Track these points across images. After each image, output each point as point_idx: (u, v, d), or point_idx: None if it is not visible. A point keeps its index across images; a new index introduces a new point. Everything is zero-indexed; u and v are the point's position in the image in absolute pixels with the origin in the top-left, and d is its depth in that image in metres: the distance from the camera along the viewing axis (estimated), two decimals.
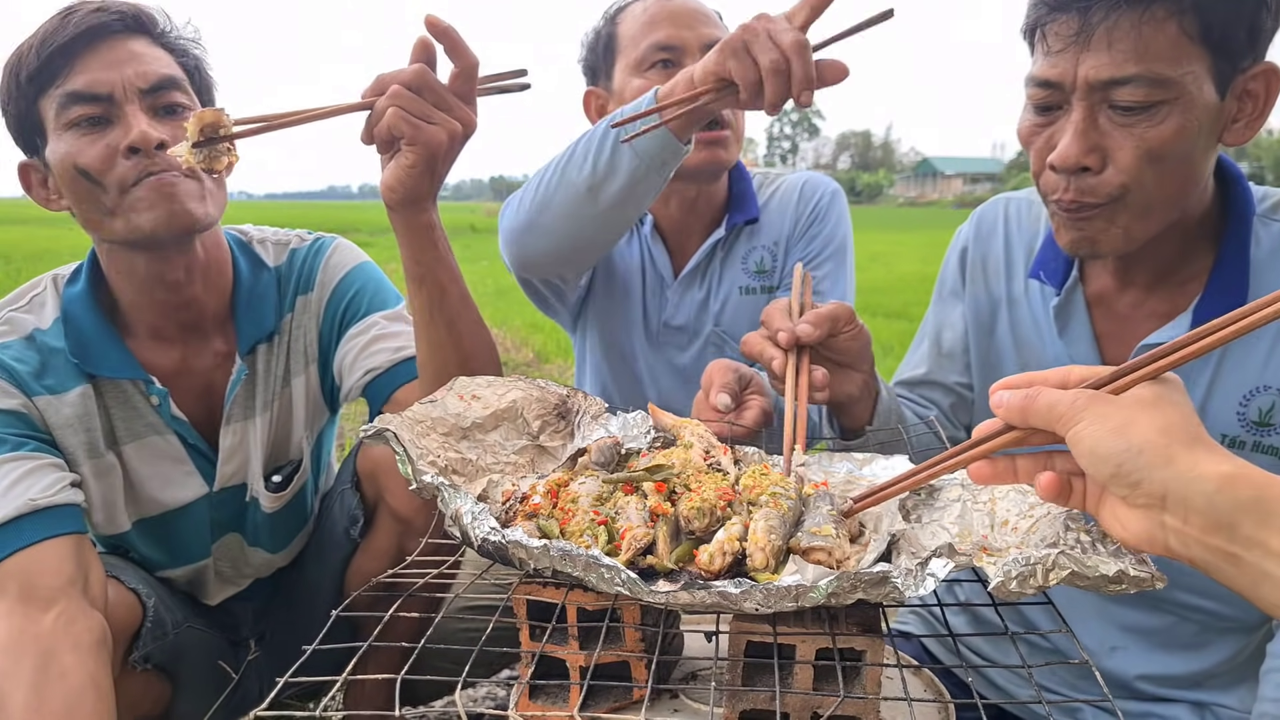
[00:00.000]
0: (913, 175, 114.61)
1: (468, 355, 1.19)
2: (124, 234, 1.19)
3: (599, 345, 1.76)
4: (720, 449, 1.00)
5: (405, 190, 1.10)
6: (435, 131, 1.06)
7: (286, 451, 1.43)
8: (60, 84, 1.16)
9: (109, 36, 1.18)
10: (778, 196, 1.69)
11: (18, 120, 1.21)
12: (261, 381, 1.36)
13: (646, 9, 1.57)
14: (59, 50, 1.15)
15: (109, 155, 1.15)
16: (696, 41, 1.53)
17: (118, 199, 1.16)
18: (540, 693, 0.79)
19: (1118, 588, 0.67)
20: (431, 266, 1.16)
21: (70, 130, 1.17)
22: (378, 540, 1.40)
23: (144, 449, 1.30)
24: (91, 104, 1.16)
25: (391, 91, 1.05)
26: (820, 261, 1.64)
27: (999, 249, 1.30)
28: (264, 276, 1.38)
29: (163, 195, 1.16)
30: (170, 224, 1.17)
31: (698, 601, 0.70)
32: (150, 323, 1.30)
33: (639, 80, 1.54)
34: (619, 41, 1.60)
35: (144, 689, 1.28)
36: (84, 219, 1.21)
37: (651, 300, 1.72)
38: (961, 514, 0.85)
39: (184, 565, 1.40)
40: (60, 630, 1.06)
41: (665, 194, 1.62)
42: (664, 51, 1.53)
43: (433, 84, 1.07)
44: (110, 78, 1.16)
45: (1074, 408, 0.65)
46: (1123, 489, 0.63)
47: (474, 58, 1.09)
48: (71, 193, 1.19)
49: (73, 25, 1.16)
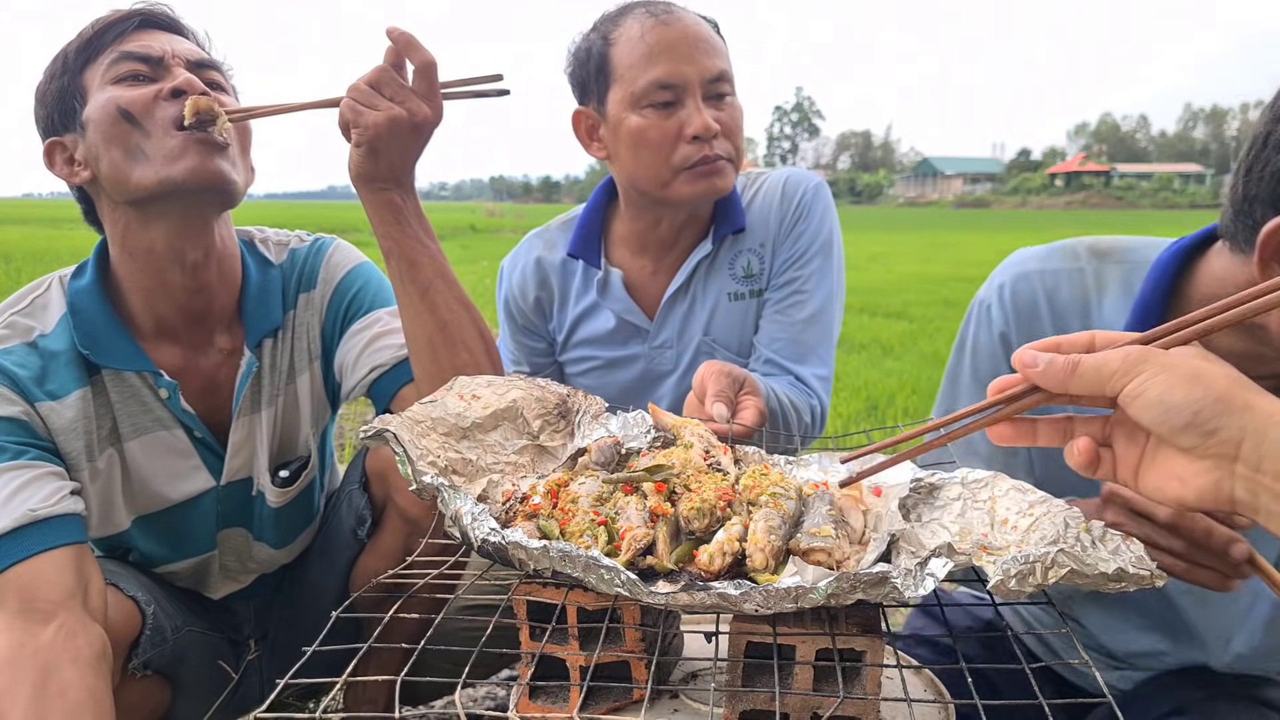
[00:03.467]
0: (913, 175, 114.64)
1: (444, 322, 1.25)
2: (152, 185, 1.19)
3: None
4: (720, 449, 1.00)
5: (356, 169, 1.23)
6: (373, 115, 1.18)
7: (293, 447, 1.43)
8: (114, 48, 1.24)
9: (158, 27, 1.28)
10: (760, 197, 1.65)
11: (59, 96, 1.24)
12: (268, 376, 1.37)
13: (644, 35, 1.48)
14: (112, 25, 1.25)
15: (152, 99, 1.21)
16: (698, 76, 1.47)
17: (157, 142, 1.19)
18: (540, 693, 0.79)
19: (1117, 586, 0.67)
20: (398, 240, 1.25)
21: (117, 84, 1.22)
22: (385, 540, 1.41)
23: (149, 443, 1.30)
24: (141, 62, 1.23)
25: (350, 86, 1.21)
26: (806, 260, 1.60)
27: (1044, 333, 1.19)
28: (271, 273, 1.39)
29: (198, 150, 1.20)
30: (201, 176, 1.20)
31: (697, 603, 0.70)
32: (158, 316, 1.29)
33: (637, 118, 1.49)
34: (614, 67, 1.51)
35: (143, 695, 1.28)
36: (112, 172, 1.21)
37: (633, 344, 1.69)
38: (961, 512, 0.85)
39: (188, 558, 1.39)
40: (60, 645, 1.05)
41: (654, 217, 1.61)
42: (664, 90, 1.47)
43: (389, 79, 1.20)
44: (162, 45, 1.25)
45: (1129, 362, 0.64)
46: (1194, 439, 0.62)
47: (428, 56, 1.21)
48: (106, 139, 1.20)
49: (126, 11, 1.26)
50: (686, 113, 1.48)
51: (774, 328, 1.59)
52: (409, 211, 1.26)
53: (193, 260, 1.27)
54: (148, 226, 1.24)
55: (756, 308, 1.63)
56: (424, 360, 1.25)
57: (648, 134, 1.48)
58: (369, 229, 1.30)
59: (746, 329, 1.63)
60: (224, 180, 1.22)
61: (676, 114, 1.48)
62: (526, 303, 1.72)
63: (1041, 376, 0.69)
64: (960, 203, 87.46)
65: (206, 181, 1.20)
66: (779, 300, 1.60)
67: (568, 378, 1.76)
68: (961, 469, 0.91)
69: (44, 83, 1.26)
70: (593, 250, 1.67)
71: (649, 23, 1.49)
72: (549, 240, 1.74)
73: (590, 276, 1.68)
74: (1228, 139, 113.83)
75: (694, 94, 1.48)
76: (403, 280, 1.25)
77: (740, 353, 1.63)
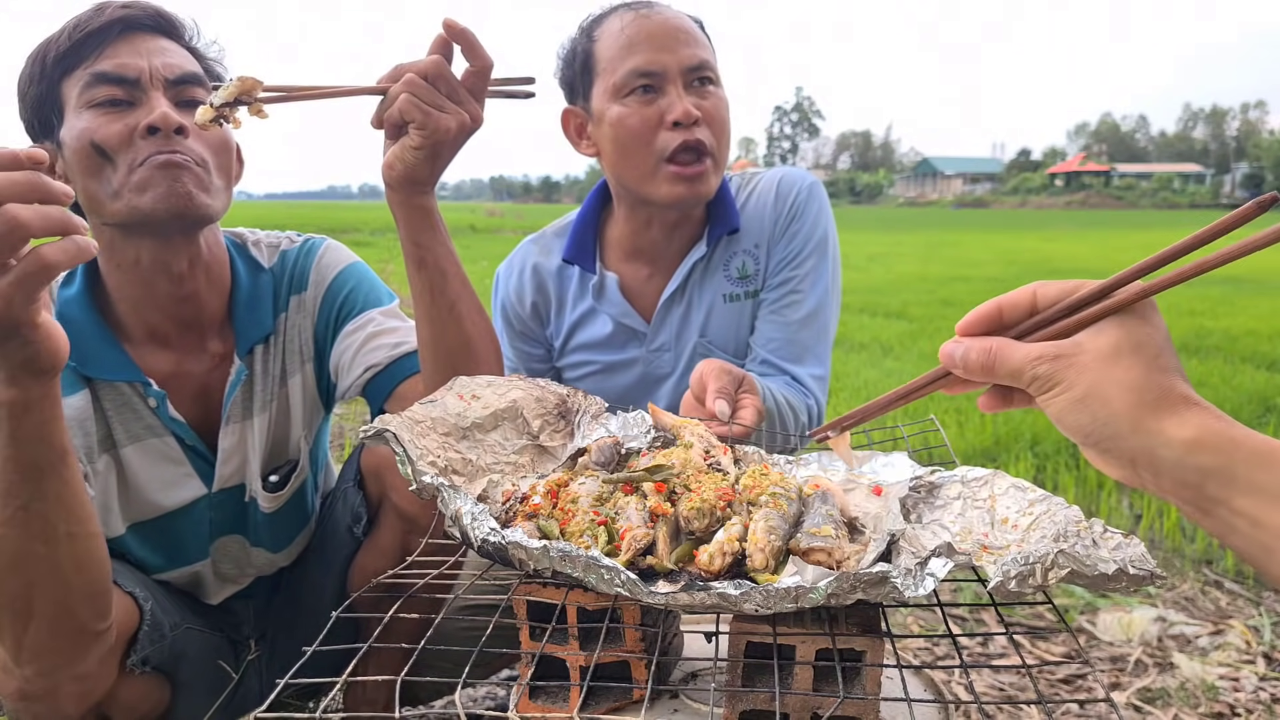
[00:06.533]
0: (913, 175, 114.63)
1: (469, 338, 1.21)
2: (123, 215, 1.18)
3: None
4: (720, 449, 1.00)
5: (405, 169, 1.14)
6: (444, 119, 1.11)
7: (285, 451, 1.42)
8: (88, 65, 1.18)
9: (140, 30, 1.21)
10: (755, 197, 1.64)
11: (37, 102, 1.21)
12: (260, 382, 1.36)
13: (624, 28, 1.50)
14: (91, 35, 1.18)
15: (127, 133, 1.17)
16: (677, 65, 1.48)
17: (124, 177, 1.17)
18: (540, 693, 0.79)
19: (1117, 586, 0.67)
20: (431, 248, 1.19)
21: (91, 109, 1.18)
22: (382, 538, 1.40)
23: (143, 450, 1.30)
24: (117, 85, 1.18)
25: (406, 79, 1.10)
26: (801, 259, 1.59)
27: None
28: (262, 278, 1.38)
29: (164, 175, 1.16)
30: (168, 205, 1.17)
31: (697, 603, 0.70)
32: (147, 323, 1.29)
33: (619, 107, 1.49)
34: (597, 61, 1.53)
35: (142, 693, 1.28)
36: (87, 199, 1.20)
37: (630, 348, 1.69)
38: (961, 512, 0.85)
39: (181, 567, 1.39)
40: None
41: (645, 218, 1.60)
42: (644, 78, 1.48)
43: (447, 76, 1.12)
44: (139, 64, 1.19)
45: (1037, 378, 0.66)
46: (1094, 453, 0.65)
47: (489, 59, 1.14)
48: (81, 169, 1.19)
49: (106, 15, 1.19)
50: (667, 100, 1.48)
51: (770, 328, 1.59)
52: (438, 216, 1.21)
53: (179, 271, 1.26)
54: (130, 243, 1.23)
55: (752, 308, 1.63)
56: (443, 372, 1.20)
57: (628, 121, 1.48)
58: (369, 229, 1.30)
59: (742, 330, 1.63)
60: (193, 207, 1.18)
61: (657, 101, 1.48)
62: (524, 309, 1.72)
63: (965, 374, 0.71)
64: (960, 203, 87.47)
65: (176, 210, 1.17)
66: (774, 300, 1.60)
67: (566, 382, 1.76)
68: (961, 468, 0.91)
69: (24, 82, 1.23)
70: (588, 255, 1.67)
71: (628, 16, 1.51)
72: (544, 246, 1.74)
73: (586, 282, 1.68)
74: (1228, 139, 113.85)
75: (674, 81, 1.48)
76: (432, 291, 1.19)
77: (736, 354, 1.63)
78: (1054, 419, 0.65)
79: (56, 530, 0.96)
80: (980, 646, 2.10)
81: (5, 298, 0.80)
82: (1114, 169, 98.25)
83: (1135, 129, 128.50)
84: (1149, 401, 0.62)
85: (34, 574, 0.97)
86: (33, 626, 1.01)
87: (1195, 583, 2.43)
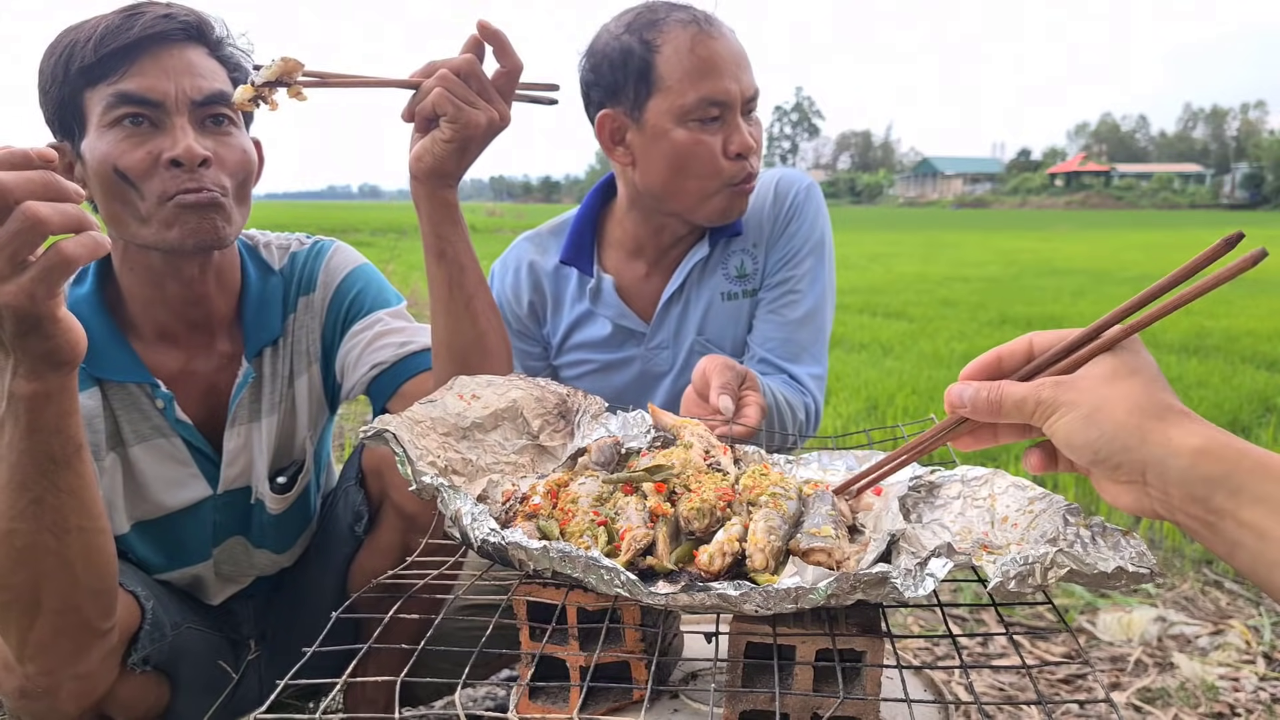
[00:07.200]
0: (913, 175, 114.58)
1: (483, 332, 1.22)
2: (150, 241, 1.19)
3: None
4: (720, 449, 1.00)
5: (434, 161, 1.16)
6: (476, 115, 1.13)
7: (290, 452, 1.43)
8: (113, 81, 1.16)
9: (169, 44, 1.18)
10: (753, 197, 1.63)
11: (59, 106, 1.20)
12: (268, 384, 1.37)
13: (693, 47, 1.45)
14: (119, 50, 1.15)
15: (150, 162, 1.15)
16: (740, 95, 1.48)
17: (152, 208, 1.16)
18: (540, 693, 0.79)
19: (1117, 584, 0.67)
20: (452, 241, 1.21)
21: (114, 129, 1.16)
22: (383, 537, 1.40)
23: (150, 450, 1.30)
24: (141, 106, 1.16)
25: (439, 74, 1.13)
26: (799, 260, 1.60)
27: None
28: (272, 281, 1.39)
29: (192, 214, 1.17)
30: (196, 240, 1.18)
31: (697, 603, 0.70)
32: (157, 322, 1.29)
33: (684, 131, 1.47)
34: (659, 75, 1.47)
35: (142, 691, 1.28)
36: (110, 216, 1.20)
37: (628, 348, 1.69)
38: (961, 511, 0.85)
39: (182, 568, 1.39)
40: None
41: (659, 225, 1.60)
42: (715, 108, 1.46)
43: (479, 74, 1.15)
44: (165, 86, 1.16)
45: (1041, 403, 0.68)
46: (1103, 471, 0.66)
47: (520, 62, 1.17)
48: (104, 192, 1.19)
49: (138, 28, 1.16)
50: (729, 130, 1.48)
51: (768, 327, 1.59)
52: (460, 213, 1.23)
53: (189, 275, 1.27)
54: (146, 253, 1.24)
55: (749, 307, 1.63)
56: (456, 366, 1.20)
57: (695, 149, 1.47)
58: (368, 229, 1.30)
59: (740, 328, 1.63)
60: (218, 239, 1.20)
61: (720, 131, 1.48)
62: (521, 307, 1.72)
63: (972, 414, 0.73)
64: (960, 203, 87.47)
65: (203, 245, 1.19)
66: (772, 300, 1.60)
67: (563, 381, 1.76)
68: (961, 466, 0.91)
69: (45, 79, 1.21)
70: (585, 257, 1.67)
71: (698, 35, 1.46)
72: (540, 245, 1.74)
73: (583, 284, 1.68)
74: (1228, 139, 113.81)
75: (736, 110, 1.49)
76: (450, 285, 1.21)
77: (733, 352, 1.63)
78: (1063, 441, 0.67)
79: (68, 524, 0.97)
80: (980, 646, 2.10)
81: (28, 292, 0.82)
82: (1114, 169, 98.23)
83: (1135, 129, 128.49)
84: (1153, 414, 0.64)
85: (43, 568, 0.97)
86: (39, 622, 1.01)
87: (1195, 583, 2.43)
